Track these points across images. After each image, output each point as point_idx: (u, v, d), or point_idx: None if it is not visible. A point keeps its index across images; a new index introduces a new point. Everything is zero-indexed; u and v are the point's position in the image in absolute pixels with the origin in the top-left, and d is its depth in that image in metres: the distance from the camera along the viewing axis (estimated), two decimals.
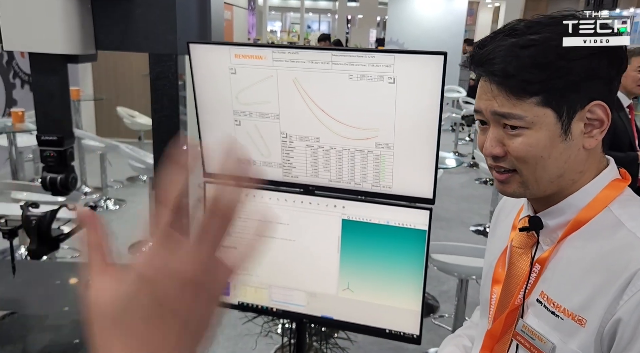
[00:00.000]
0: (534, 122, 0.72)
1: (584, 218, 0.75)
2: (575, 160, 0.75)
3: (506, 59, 0.71)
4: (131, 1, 1.28)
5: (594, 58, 0.71)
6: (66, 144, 1.44)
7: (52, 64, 1.32)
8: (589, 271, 0.72)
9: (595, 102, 0.72)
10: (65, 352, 1.42)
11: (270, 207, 1.39)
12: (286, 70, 1.25)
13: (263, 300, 1.48)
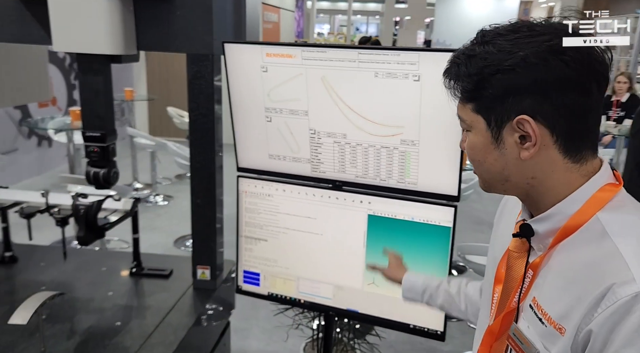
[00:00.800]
0: (472, 126, 0.76)
1: (573, 226, 0.74)
2: (516, 168, 0.75)
3: (453, 66, 0.76)
4: (171, 4, 1.36)
5: (507, 73, 0.70)
6: (109, 140, 1.54)
7: (97, 64, 1.42)
8: (573, 280, 0.72)
9: (521, 117, 0.71)
10: (107, 333, 1.52)
11: (296, 201, 1.44)
12: (315, 68, 1.29)
13: (291, 291, 1.53)
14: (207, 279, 1.75)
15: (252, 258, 1.56)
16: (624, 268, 0.66)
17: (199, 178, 1.66)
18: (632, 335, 0.64)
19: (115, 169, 1.59)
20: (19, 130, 4.90)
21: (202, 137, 1.61)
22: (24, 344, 1.42)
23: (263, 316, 2.79)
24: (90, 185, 1.58)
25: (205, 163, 1.65)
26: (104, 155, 1.54)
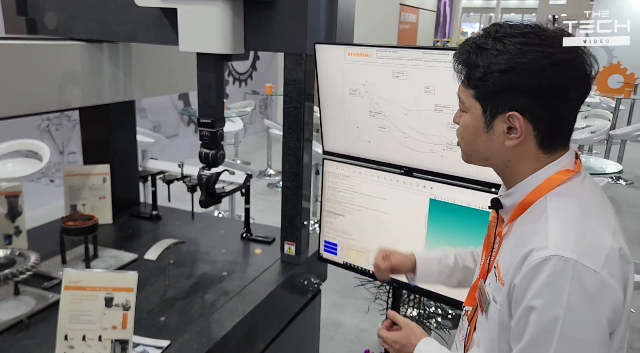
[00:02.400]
0: (469, 109, 0.89)
1: (527, 203, 0.87)
2: (498, 151, 0.88)
3: (464, 53, 0.87)
4: (273, 9, 1.62)
5: (509, 74, 0.81)
6: (217, 127, 1.80)
7: (212, 61, 1.72)
8: (516, 246, 0.86)
9: (513, 113, 0.83)
10: (215, 279, 1.88)
11: (370, 182, 1.64)
12: (387, 66, 1.48)
13: (362, 262, 1.73)
14: (292, 254, 1.99)
15: (332, 230, 1.79)
16: (544, 238, 0.80)
17: (289, 164, 1.90)
18: (540, 289, 0.78)
19: (222, 151, 1.86)
20: (181, 118, 5.77)
21: (293, 128, 1.85)
22: (155, 278, 1.84)
23: (361, 295, 3.01)
24: (202, 163, 1.87)
25: (295, 150, 1.89)
26: (213, 139, 1.81)
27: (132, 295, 1.34)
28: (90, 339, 1.31)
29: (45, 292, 1.67)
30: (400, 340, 1.10)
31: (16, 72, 1.77)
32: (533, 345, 0.80)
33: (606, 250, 0.79)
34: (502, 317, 0.87)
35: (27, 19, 2.10)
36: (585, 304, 0.76)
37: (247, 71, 7.05)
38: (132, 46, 2.21)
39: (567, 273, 0.76)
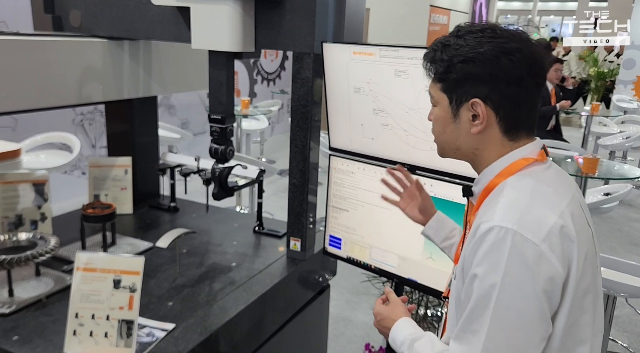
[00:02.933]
0: (438, 102, 0.97)
1: (490, 188, 0.93)
2: (465, 139, 0.95)
3: (431, 52, 0.94)
4: (283, 8, 1.67)
5: (469, 64, 0.88)
6: (227, 123, 1.84)
7: (223, 59, 1.77)
8: (473, 227, 0.91)
9: (475, 100, 0.90)
10: (224, 269, 1.95)
11: (373, 179, 1.67)
12: (390, 65, 1.51)
13: (365, 257, 1.76)
14: (297, 250, 2.03)
15: (337, 225, 1.83)
16: (492, 212, 0.85)
17: (296, 161, 1.94)
18: (482, 257, 0.84)
19: (232, 147, 1.91)
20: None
21: (300, 125, 1.89)
22: (166, 266, 1.93)
23: (374, 294, 3.04)
24: (212, 158, 1.93)
25: (302, 148, 1.93)
26: (223, 135, 1.86)
27: (139, 278, 1.42)
28: (98, 318, 1.40)
29: (64, 275, 1.78)
30: (383, 313, 1.15)
31: (42, 66, 1.88)
32: (474, 313, 0.85)
33: (548, 227, 0.83)
34: (457, 290, 0.94)
35: (53, 16, 2.21)
36: (522, 273, 0.81)
37: (275, 71, 7.15)
38: (151, 44, 2.29)
39: (506, 242, 0.82)
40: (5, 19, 3.36)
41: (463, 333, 0.89)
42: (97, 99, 2.16)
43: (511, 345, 0.84)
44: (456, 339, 0.90)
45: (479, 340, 0.85)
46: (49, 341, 1.44)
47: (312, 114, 1.85)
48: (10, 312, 1.55)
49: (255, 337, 1.83)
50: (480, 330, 0.84)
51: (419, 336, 1.03)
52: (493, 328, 0.83)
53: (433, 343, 1.00)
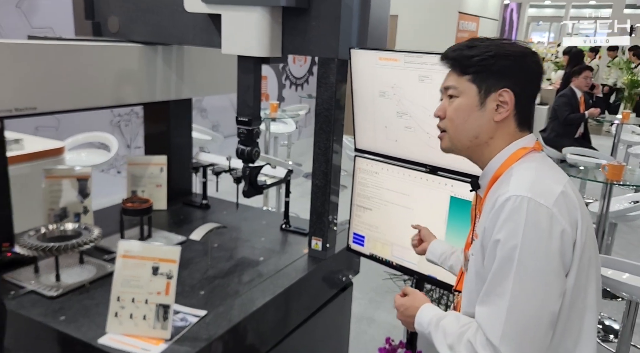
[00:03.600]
0: (463, 92, 1.07)
1: (497, 176, 1.04)
2: (487, 127, 1.05)
3: (457, 50, 1.07)
4: (308, 15, 1.75)
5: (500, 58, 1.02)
6: (254, 125, 1.92)
7: (251, 64, 1.85)
8: (487, 206, 1.02)
9: (505, 89, 1.03)
10: (252, 263, 2.05)
11: (396, 179, 1.75)
12: (413, 70, 1.59)
13: (387, 254, 1.84)
14: (319, 250, 2.11)
15: (360, 223, 1.91)
16: (506, 187, 0.97)
17: (319, 163, 2.02)
18: (502, 224, 0.94)
19: (257, 148, 1.99)
20: None
21: (323, 128, 1.98)
22: (198, 259, 2.04)
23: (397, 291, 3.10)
24: (238, 159, 2.01)
25: (324, 150, 2.01)
26: (249, 137, 1.95)
27: (175, 266, 1.53)
28: (138, 301, 1.51)
29: (105, 263, 1.91)
30: (406, 303, 1.23)
31: (82, 69, 2.00)
32: (498, 274, 0.96)
33: (556, 194, 0.96)
34: (477, 265, 1.03)
35: (93, 22, 2.35)
36: (539, 234, 0.93)
37: (303, 76, 7.28)
38: (183, 49, 2.41)
39: (523, 208, 0.93)
40: (52, 25, 3.57)
41: (488, 297, 0.98)
42: (132, 101, 2.29)
43: (533, 301, 0.94)
44: (482, 303, 1.00)
45: (504, 299, 0.94)
46: (93, 321, 1.56)
47: (335, 117, 1.94)
48: (58, 295, 1.68)
49: (280, 328, 1.93)
50: (504, 291, 0.94)
51: (444, 315, 1.11)
52: (517, 286, 0.93)
53: (458, 318, 1.08)
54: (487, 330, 0.96)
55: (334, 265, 2.21)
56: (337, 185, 2.09)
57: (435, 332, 1.08)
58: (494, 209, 0.97)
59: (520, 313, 0.94)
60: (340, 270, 2.28)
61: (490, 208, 0.98)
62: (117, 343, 1.47)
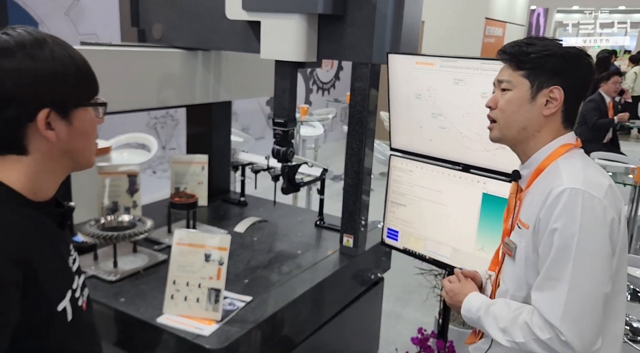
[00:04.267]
0: (515, 86, 1.14)
1: (541, 168, 1.12)
2: (535, 120, 1.13)
3: (516, 46, 1.14)
4: (344, 22, 1.84)
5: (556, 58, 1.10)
6: (289, 126, 2.00)
7: (288, 68, 1.94)
8: (536, 198, 1.09)
9: (556, 86, 1.09)
10: (290, 255, 2.18)
11: (430, 177, 1.85)
12: (448, 73, 1.69)
13: (420, 248, 1.94)
14: (350, 246, 2.21)
15: (394, 218, 2.01)
16: (559, 179, 1.05)
17: (351, 163, 2.12)
18: (559, 214, 1.03)
19: (292, 148, 2.07)
20: (267, 123, 6.23)
21: (356, 130, 2.08)
22: (241, 251, 2.17)
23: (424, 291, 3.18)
24: (274, 158, 2.10)
25: (357, 150, 2.11)
26: (285, 137, 2.03)
27: (226, 253, 1.66)
28: (192, 285, 1.65)
29: (155, 252, 2.06)
30: (455, 289, 1.32)
31: (128, 73, 2.13)
32: (556, 260, 1.04)
33: (605, 187, 1.06)
34: (528, 252, 1.11)
35: (138, 29, 2.49)
36: (594, 222, 1.02)
37: (330, 80, 7.41)
38: (221, 54, 2.53)
39: (578, 199, 1.02)
40: (96, 31, 3.78)
41: (546, 282, 1.06)
42: (173, 103, 2.42)
43: (591, 283, 1.03)
44: (539, 289, 1.07)
45: (564, 283, 1.03)
46: (149, 304, 1.70)
47: (367, 120, 2.04)
48: (116, 280, 1.83)
49: (316, 318, 2.04)
50: (563, 275, 1.03)
51: (493, 302, 1.20)
52: (576, 270, 1.02)
53: (508, 304, 1.16)
54: (546, 312, 1.04)
55: (366, 261, 2.32)
56: (368, 186, 2.20)
57: (486, 317, 1.17)
58: (548, 201, 1.05)
59: (580, 295, 1.02)
60: (372, 266, 2.39)
61: (543, 200, 1.06)
62: (174, 322, 1.60)
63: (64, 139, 0.84)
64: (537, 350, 1.07)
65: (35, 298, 0.78)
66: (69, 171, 0.92)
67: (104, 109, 0.92)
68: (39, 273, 0.78)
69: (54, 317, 0.83)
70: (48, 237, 0.86)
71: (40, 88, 0.79)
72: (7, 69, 0.76)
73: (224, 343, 1.53)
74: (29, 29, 0.81)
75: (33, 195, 0.85)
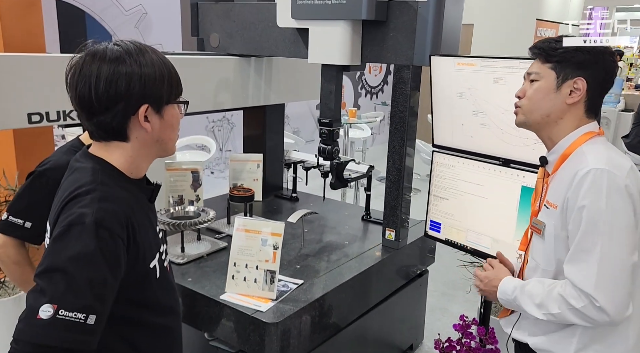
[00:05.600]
0: (543, 77, 1.26)
1: (567, 154, 1.22)
2: (558, 108, 1.23)
3: (546, 42, 1.25)
4: (386, 27, 1.96)
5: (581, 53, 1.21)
6: (334, 126, 2.13)
7: (334, 71, 2.08)
8: (562, 179, 1.19)
9: (580, 78, 1.19)
10: (338, 245, 2.33)
11: (471, 171, 1.95)
12: (488, 73, 1.80)
13: (461, 239, 2.04)
14: (392, 240, 2.33)
15: (437, 211, 2.13)
16: (584, 162, 1.16)
17: (393, 160, 2.25)
18: (587, 192, 1.13)
19: (337, 147, 2.20)
20: (316, 126, 6.43)
21: (398, 129, 2.20)
22: (292, 241, 2.35)
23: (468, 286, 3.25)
24: (320, 156, 2.24)
25: (399, 148, 2.23)
26: (330, 136, 2.16)
27: (280, 239, 1.84)
28: (250, 267, 1.83)
29: (217, 240, 2.27)
30: (489, 276, 1.42)
31: (188, 79, 2.32)
32: (586, 234, 1.13)
33: (627, 168, 1.16)
34: (557, 230, 1.22)
35: (197, 39, 2.70)
36: (619, 198, 1.12)
37: (378, 84, 7.54)
38: (272, 60, 2.70)
39: (604, 178, 1.12)
40: (162, 42, 4.10)
41: (577, 255, 1.15)
42: (227, 106, 2.58)
43: (620, 253, 1.12)
44: (571, 262, 1.17)
45: (594, 254, 1.12)
46: (213, 283, 1.90)
47: (408, 119, 2.17)
48: (183, 262, 2.05)
49: (363, 303, 2.18)
50: (594, 247, 1.12)
51: (527, 282, 1.29)
52: (605, 243, 1.11)
53: (542, 282, 1.25)
54: (580, 282, 1.14)
55: (410, 254, 2.44)
56: (410, 183, 2.32)
57: (522, 296, 1.27)
58: (575, 181, 1.15)
59: (610, 265, 1.11)
60: (416, 258, 2.50)
61: (570, 181, 1.16)
62: (235, 300, 1.80)
63: (157, 129, 1.03)
64: (573, 319, 1.16)
65: (134, 255, 0.98)
66: (157, 157, 1.11)
67: (186, 106, 1.11)
68: (137, 235, 0.98)
69: (147, 273, 1.03)
70: (143, 208, 1.05)
71: (144, 88, 0.98)
72: (121, 72, 0.96)
73: (279, 319, 1.70)
74: (132, 41, 1.02)
75: (130, 174, 1.05)
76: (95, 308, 0.87)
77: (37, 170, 1.37)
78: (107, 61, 0.96)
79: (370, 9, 1.91)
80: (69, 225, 0.90)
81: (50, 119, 1.85)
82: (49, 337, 0.83)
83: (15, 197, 1.38)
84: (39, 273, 0.88)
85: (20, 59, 1.78)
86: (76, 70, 0.98)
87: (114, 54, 0.96)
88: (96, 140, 1.04)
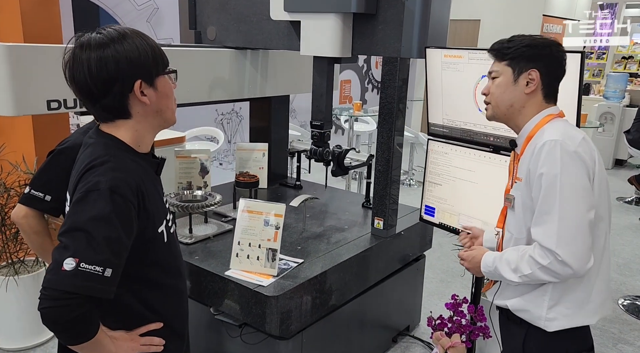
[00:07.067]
0: (501, 73, 1.38)
1: (531, 135, 1.35)
2: (519, 98, 1.36)
3: (497, 44, 1.39)
4: (375, 20, 2.02)
5: (531, 47, 1.34)
6: (325, 128, 2.17)
7: (325, 64, 2.12)
8: (526, 157, 1.33)
9: (534, 70, 1.33)
10: (338, 229, 2.44)
11: (463, 158, 2.06)
12: (476, 66, 1.91)
13: (454, 222, 2.15)
14: (380, 228, 2.39)
15: (431, 196, 2.24)
16: (541, 137, 1.30)
17: (382, 151, 2.32)
18: (543, 161, 1.27)
19: (328, 149, 2.27)
20: None
21: (386, 119, 2.28)
22: (295, 224, 2.47)
23: (464, 272, 3.35)
24: (311, 157, 2.29)
25: (387, 139, 2.30)
26: (321, 138, 2.20)
27: (281, 219, 1.96)
28: (253, 245, 1.96)
29: (223, 223, 2.40)
30: (472, 253, 1.56)
31: (186, 70, 2.32)
32: (546, 198, 1.27)
33: (579, 139, 1.30)
34: (524, 199, 1.35)
35: (195, 31, 2.74)
36: (571, 163, 1.26)
37: None
38: (267, 53, 2.75)
39: (557, 147, 1.26)
40: (172, 36, 4.24)
41: (540, 217, 1.28)
42: (222, 98, 2.60)
43: (576, 211, 1.25)
44: (535, 225, 1.30)
45: (554, 214, 1.25)
46: (219, 261, 2.03)
47: (397, 110, 2.25)
48: (191, 242, 2.18)
49: (361, 282, 2.30)
50: (553, 208, 1.25)
51: (504, 251, 1.42)
52: (562, 202, 1.24)
53: (517, 249, 1.38)
54: (544, 241, 1.26)
55: (406, 238, 2.55)
56: (398, 172, 2.40)
57: (500, 264, 1.40)
58: (534, 154, 1.30)
59: (569, 222, 1.24)
60: (412, 242, 2.61)
61: (531, 154, 1.31)
62: (238, 276, 1.92)
63: (154, 101, 1.14)
64: (543, 276, 1.29)
65: (144, 219, 1.10)
66: (160, 128, 1.21)
67: (175, 75, 1.20)
68: (146, 201, 1.10)
69: (156, 238, 1.15)
70: (150, 178, 1.18)
71: (132, 65, 1.08)
72: (108, 56, 1.06)
73: (279, 293, 1.83)
74: (113, 26, 1.12)
75: (137, 147, 1.17)
76: (112, 262, 1.00)
77: (57, 148, 1.49)
78: (93, 49, 1.06)
79: (360, 2, 1.98)
80: (87, 191, 1.03)
81: (67, 106, 1.98)
82: (72, 285, 0.96)
83: (37, 172, 1.51)
84: (62, 232, 1.01)
85: (40, 49, 1.91)
86: (70, 63, 1.08)
87: (97, 41, 1.07)
88: (103, 122, 1.15)
